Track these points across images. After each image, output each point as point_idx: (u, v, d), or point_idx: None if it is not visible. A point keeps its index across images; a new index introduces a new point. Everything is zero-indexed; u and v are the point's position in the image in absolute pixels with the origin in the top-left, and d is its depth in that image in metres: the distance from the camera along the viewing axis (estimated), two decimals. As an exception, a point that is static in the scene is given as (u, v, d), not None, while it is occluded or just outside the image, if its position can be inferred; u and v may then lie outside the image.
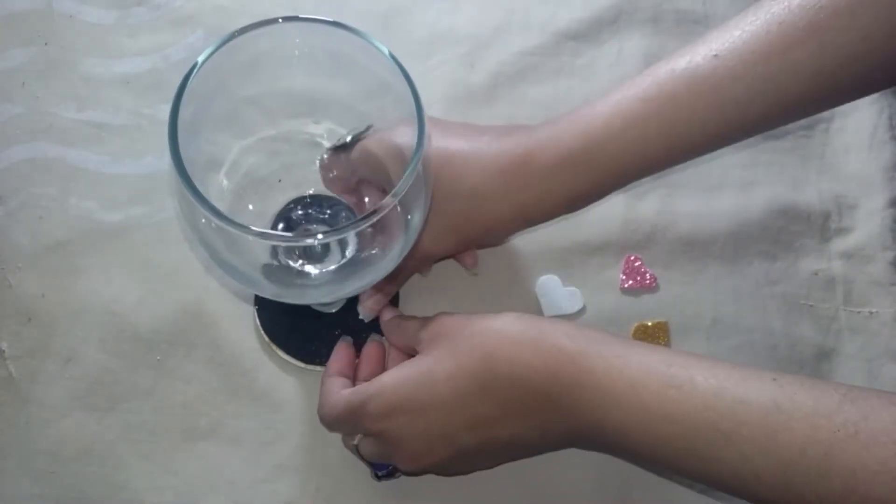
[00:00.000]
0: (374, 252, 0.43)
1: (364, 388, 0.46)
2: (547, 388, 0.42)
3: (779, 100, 0.45)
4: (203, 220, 0.37)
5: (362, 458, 0.48)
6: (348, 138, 0.48)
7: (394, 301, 0.55)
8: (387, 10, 0.65)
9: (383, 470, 0.49)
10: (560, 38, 0.64)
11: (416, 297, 0.56)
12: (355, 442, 0.48)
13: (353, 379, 0.51)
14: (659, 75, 0.45)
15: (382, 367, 0.51)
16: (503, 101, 0.62)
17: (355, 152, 0.48)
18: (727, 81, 0.44)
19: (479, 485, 0.51)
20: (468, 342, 0.44)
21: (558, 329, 0.44)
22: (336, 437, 0.51)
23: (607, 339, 0.43)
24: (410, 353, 0.50)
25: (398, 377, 0.45)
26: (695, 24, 0.65)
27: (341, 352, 0.52)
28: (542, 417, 0.43)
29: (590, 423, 0.42)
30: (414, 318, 0.51)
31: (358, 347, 0.53)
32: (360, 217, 0.36)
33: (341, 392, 0.48)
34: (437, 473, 0.48)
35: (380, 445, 0.46)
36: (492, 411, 0.43)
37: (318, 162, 0.50)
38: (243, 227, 0.36)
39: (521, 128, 0.49)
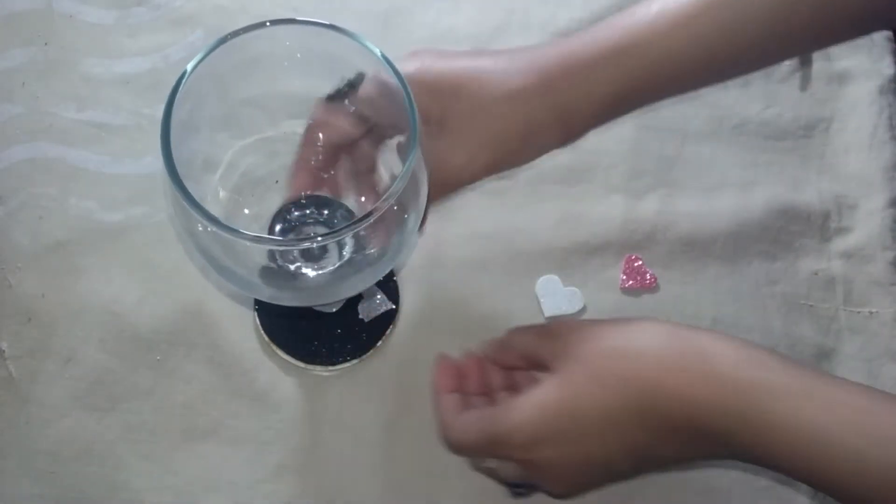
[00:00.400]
0: (371, 252, 0.43)
1: (500, 418, 0.43)
2: (715, 422, 0.39)
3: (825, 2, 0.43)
4: (199, 227, 0.38)
5: (499, 479, 0.47)
6: (344, 83, 0.44)
7: (394, 299, 0.55)
8: (387, 10, 0.65)
9: (524, 488, 0.47)
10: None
11: (416, 297, 0.56)
12: (490, 465, 0.46)
13: (462, 391, 0.48)
14: None
15: (485, 379, 0.49)
16: (503, 100, 0.62)
17: (369, 89, 0.44)
18: None
19: (478, 485, 0.51)
20: (617, 368, 0.41)
21: (719, 351, 0.40)
22: (335, 437, 0.51)
23: (777, 364, 0.40)
24: (518, 367, 0.48)
25: (539, 406, 0.42)
26: (695, 24, 0.65)
27: (445, 366, 0.49)
28: (705, 444, 0.41)
29: (762, 458, 0.39)
30: (520, 330, 0.48)
31: (357, 346, 0.53)
32: (357, 218, 0.37)
33: (468, 418, 0.45)
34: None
35: (526, 472, 0.44)
36: (650, 439, 0.41)
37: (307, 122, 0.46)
38: (238, 232, 0.36)
39: (546, 42, 0.47)
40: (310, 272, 0.46)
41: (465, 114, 0.44)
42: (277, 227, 0.48)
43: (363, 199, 0.49)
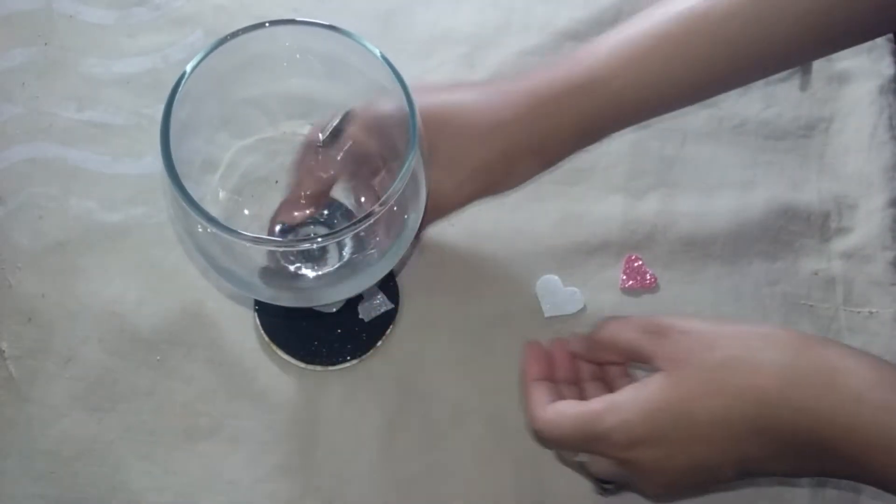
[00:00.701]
0: (371, 252, 0.43)
1: (602, 413, 0.42)
2: (842, 441, 0.38)
3: (771, 40, 0.45)
4: (199, 228, 0.38)
5: (587, 474, 0.46)
6: (333, 126, 0.47)
7: (394, 299, 0.55)
8: (387, 11, 0.64)
9: (613, 484, 0.46)
10: (560, 38, 0.64)
11: (415, 297, 0.55)
12: (580, 459, 0.45)
13: (550, 378, 0.48)
14: (655, 16, 0.46)
15: (575, 367, 0.49)
16: (503, 100, 0.62)
17: (357, 128, 0.47)
18: (719, 21, 0.45)
19: (478, 485, 0.51)
20: (735, 378, 0.40)
21: (851, 368, 0.39)
22: (335, 437, 0.51)
23: None
24: (616, 363, 0.47)
25: (645, 406, 0.41)
26: (695, 24, 0.65)
27: (535, 353, 0.49)
28: (824, 461, 0.40)
29: (889, 483, 0.38)
30: (618, 324, 0.46)
31: (357, 346, 0.53)
32: (356, 219, 0.37)
33: (563, 411, 0.44)
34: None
35: (621, 470, 0.43)
36: (764, 451, 0.40)
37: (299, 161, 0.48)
38: (237, 233, 0.36)
39: (518, 75, 0.49)
40: (310, 273, 0.46)
41: (451, 146, 0.47)
42: (277, 228, 0.48)
43: (363, 199, 0.49)
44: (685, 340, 0.42)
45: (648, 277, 0.57)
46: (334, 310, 0.54)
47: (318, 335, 0.54)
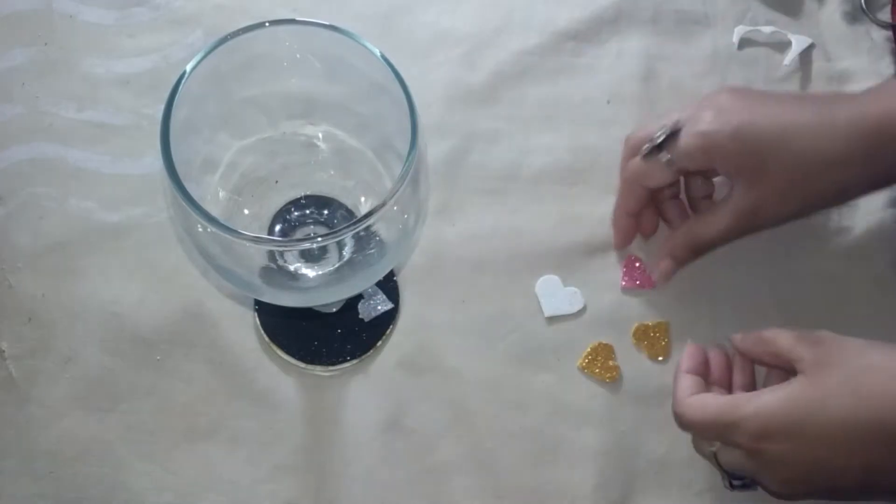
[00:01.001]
0: (371, 252, 0.43)
1: (741, 402, 0.44)
2: None
3: None
4: (199, 227, 0.38)
5: (718, 465, 0.47)
6: (660, 138, 0.51)
7: (394, 299, 0.55)
8: (387, 11, 0.64)
9: (741, 480, 0.47)
10: (560, 38, 0.64)
11: (416, 297, 0.56)
12: (714, 449, 0.46)
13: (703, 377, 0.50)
14: None
15: (729, 374, 0.50)
16: (503, 101, 0.62)
17: (688, 145, 0.50)
18: None
19: (478, 485, 0.51)
20: (877, 382, 0.41)
21: None
22: (335, 437, 0.51)
23: None
24: (766, 364, 0.48)
25: (783, 398, 0.43)
26: (695, 25, 0.65)
27: (693, 351, 0.50)
28: None
29: None
30: (781, 329, 0.47)
31: (357, 346, 0.53)
32: (356, 219, 0.37)
33: (707, 397, 0.46)
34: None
35: (750, 462, 0.44)
36: (891, 462, 0.41)
37: (636, 165, 0.54)
38: (237, 233, 0.36)
39: (834, 95, 0.50)
40: (310, 272, 0.46)
41: (779, 169, 0.48)
42: (277, 228, 0.48)
43: (363, 198, 0.49)
44: (837, 348, 0.44)
45: (648, 277, 0.57)
46: (334, 310, 0.54)
47: (318, 335, 0.54)
